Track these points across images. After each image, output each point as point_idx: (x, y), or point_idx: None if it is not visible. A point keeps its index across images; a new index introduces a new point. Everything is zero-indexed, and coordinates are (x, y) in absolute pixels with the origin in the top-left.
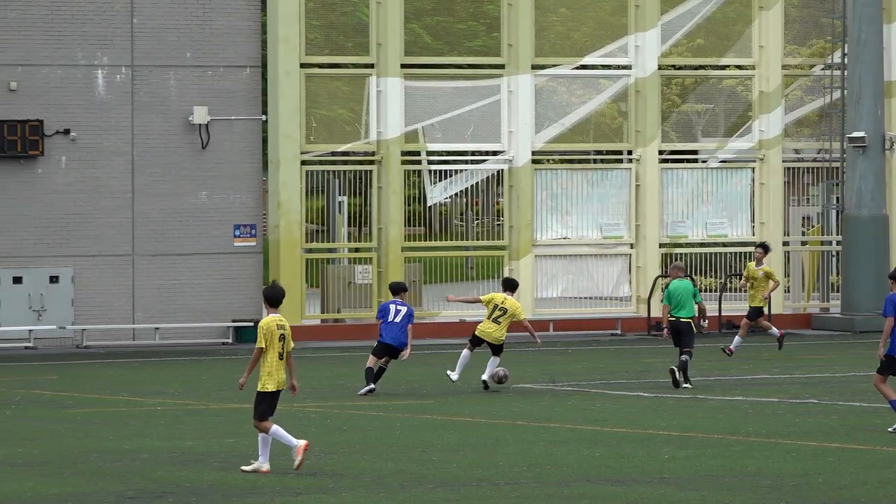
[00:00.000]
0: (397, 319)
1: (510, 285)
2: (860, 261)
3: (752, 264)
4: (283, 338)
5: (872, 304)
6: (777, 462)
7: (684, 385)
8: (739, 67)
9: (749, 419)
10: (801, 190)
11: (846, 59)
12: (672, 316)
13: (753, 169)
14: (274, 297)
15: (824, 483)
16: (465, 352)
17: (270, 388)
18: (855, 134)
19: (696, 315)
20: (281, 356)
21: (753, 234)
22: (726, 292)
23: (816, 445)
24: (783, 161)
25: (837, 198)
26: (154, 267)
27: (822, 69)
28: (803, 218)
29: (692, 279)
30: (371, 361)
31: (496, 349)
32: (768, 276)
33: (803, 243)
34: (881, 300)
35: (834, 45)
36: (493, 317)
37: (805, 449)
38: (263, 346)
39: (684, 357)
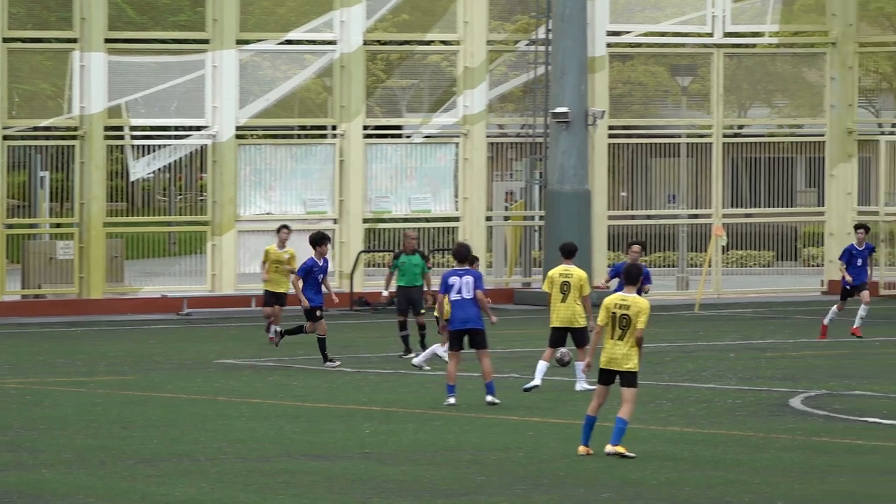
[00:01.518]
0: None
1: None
2: (562, 236)
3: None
4: None
5: None
6: (478, 436)
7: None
8: (445, 43)
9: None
10: (505, 165)
11: (550, 35)
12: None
13: (457, 144)
14: None
15: (525, 457)
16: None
17: None
18: (558, 109)
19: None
20: None
21: (457, 210)
22: (429, 267)
23: (517, 420)
24: (487, 136)
25: (540, 173)
26: None
27: (527, 45)
28: (506, 193)
29: (423, 254)
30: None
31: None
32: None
33: (506, 218)
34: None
35: (539, 21)
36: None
37: (506, 423)
38: None
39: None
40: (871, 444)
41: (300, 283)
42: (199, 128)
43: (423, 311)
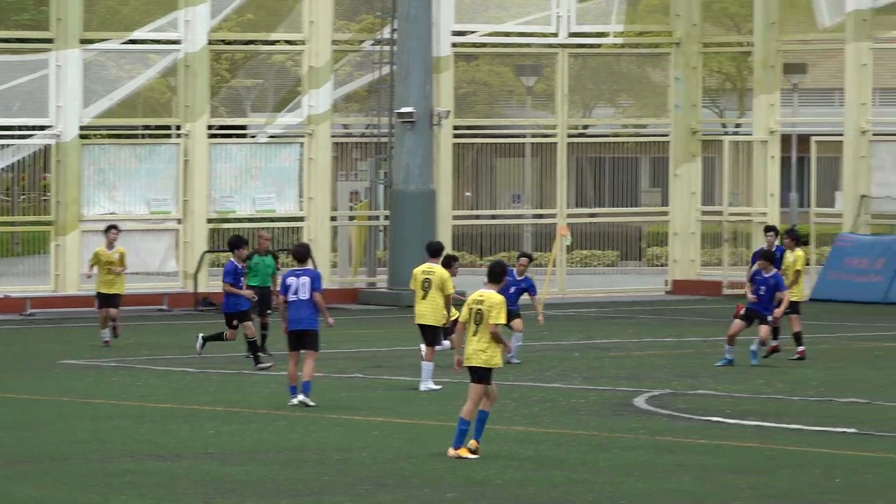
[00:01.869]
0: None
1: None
2: (407, 236)
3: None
4: None
5: None
6: (322, 436)
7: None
8: (289, 43)
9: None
10: (350, 165)
11: (395, 35)
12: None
13: (302, 144)
14: None
15: (369, 457)
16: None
17: None
18: (403, 109)
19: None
20: None
21: (301, 209)
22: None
23: (361, 419)
24: (332, 136)
25: (385, 173)
26: None
27: (372, 44)
28: (351, 193)
29: (275, 255)
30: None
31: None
32: None
33: (351, 218)
34: None
35: (384, 21)
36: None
37: (350, 423)
38: None
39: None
40: (714, 444)
41: (230, 287)
42: (42, 127)
43: (269, 311)
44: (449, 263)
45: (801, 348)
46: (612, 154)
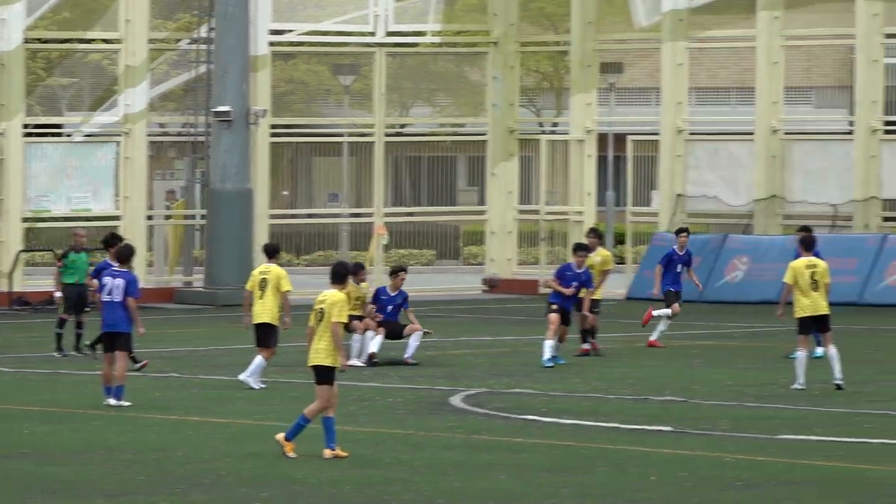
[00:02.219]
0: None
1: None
2: (224, 235)
3: None
4: None
5: (235, 278)
6: (137, 436)
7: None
8: (106, 41)
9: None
10: (166, 164)
11: (213, 34)
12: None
13: (118, 143)
14: None
15: (185, 456)
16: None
17: None
18: (220, 108)
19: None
20: None
21: (118, 208)
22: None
23: (177, 419)
24: (148, 135)
25: (202, 172)
26: None
27: (189, 43)
28: (168, 192)
29: (89, 252)
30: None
31: None
32: None
33: (167, 217)
34: (245, 274)
35: (201, 20)
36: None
37: (165, 423)
38: None
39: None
40: (530, 442)
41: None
42: None
43: (86, 309)
44: (356, 271)
45: (585, 346)
46: (430, 153)
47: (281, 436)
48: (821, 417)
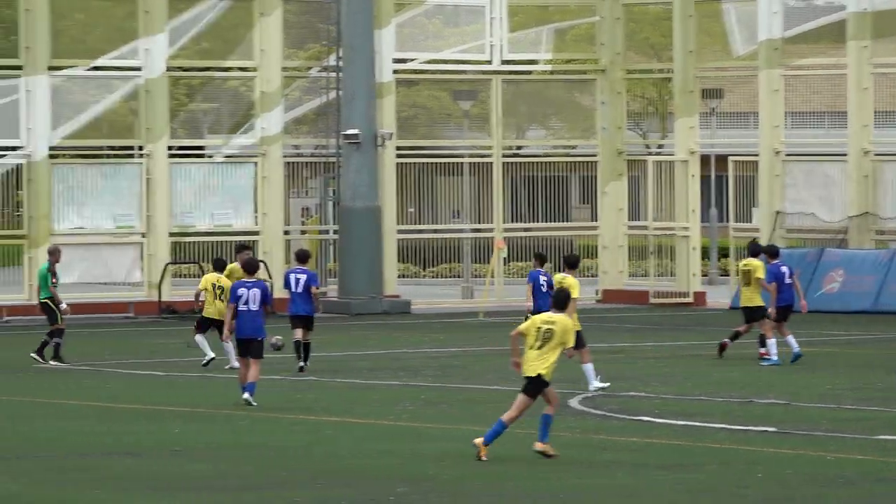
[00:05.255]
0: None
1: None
2: (355, 249)
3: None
4: None
5: (367, 289)
6: (280, 435)
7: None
8: (242, 69)
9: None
10: (301, 183)
11: (341, 63)
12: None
13: (256, 163)
14: None
15: (324, 454)
16: None
17: None
18: (349, 131)
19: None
20: None
21: (257, 224)
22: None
23: (317, 419)
24: (283, 156)
25: (334, 190)
26: None
27: (319, 71)
28: (303, 209)
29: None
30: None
31: None
32: None
33: (303, 232)
34: (375, 285)
35: (329, 49)
36: None
37: (306, 422)
38: None
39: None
40: (644, 441)
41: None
42: (14, 148)
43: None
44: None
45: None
46: (545, 173)
47: (479, 440)
48: None
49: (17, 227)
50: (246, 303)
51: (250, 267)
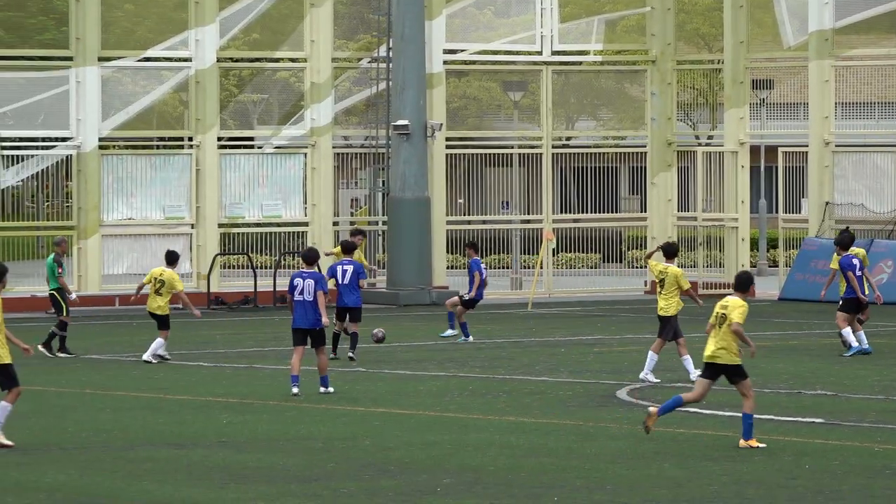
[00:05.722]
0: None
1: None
2: (404, 240)
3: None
4: None
5: (416, 280)
6: (327, 426)
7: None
8: (293, 60)
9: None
10: (350, 174)
11: (391, 53)
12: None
13: (306, 154)
14: None
15: (372, 445)
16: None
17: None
18: (399, 122)
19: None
20: None
21: (306, 215)
22: (280, 269)
23: (364, 410)
24: (333, 147)
25: (383, 181)
26: None
27: (369, 62)
28: (352, 200)
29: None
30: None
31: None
32: None
33: (352, 223)
34: (423, 276)
35: (380, 40)
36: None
37: (353, 414)
38: None
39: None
40: (691, 433)
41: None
42: (64, 139)
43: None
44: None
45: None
46: (594, 164)
47: (748, 442)
48: None
49: (67, 218)
50: (301, 293)
51: (310, 258)
